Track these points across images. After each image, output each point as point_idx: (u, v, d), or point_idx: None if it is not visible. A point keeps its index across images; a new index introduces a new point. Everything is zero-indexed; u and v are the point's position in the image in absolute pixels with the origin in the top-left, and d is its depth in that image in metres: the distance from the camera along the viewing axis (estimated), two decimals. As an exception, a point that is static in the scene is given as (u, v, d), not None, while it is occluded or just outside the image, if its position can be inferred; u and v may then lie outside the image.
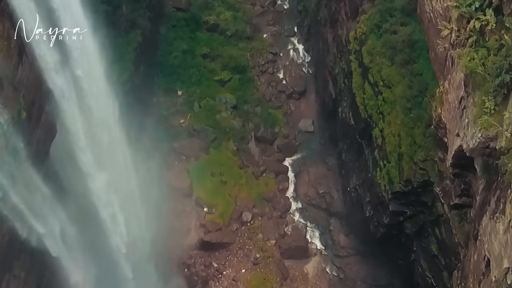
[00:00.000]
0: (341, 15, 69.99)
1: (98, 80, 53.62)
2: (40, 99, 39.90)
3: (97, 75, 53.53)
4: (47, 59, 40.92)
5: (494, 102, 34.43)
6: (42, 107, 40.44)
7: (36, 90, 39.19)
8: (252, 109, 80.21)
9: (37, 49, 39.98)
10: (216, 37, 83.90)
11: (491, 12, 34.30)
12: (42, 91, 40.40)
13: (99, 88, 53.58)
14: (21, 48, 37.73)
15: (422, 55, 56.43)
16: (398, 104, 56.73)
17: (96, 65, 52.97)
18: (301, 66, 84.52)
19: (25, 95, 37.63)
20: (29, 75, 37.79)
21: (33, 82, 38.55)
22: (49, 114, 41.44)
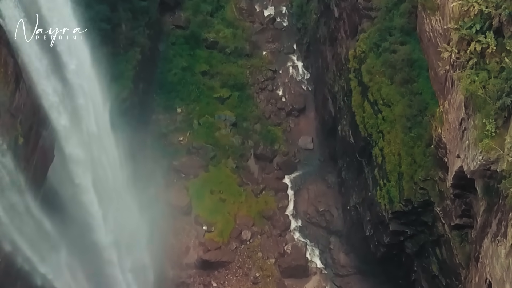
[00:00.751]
0: (340, 33, 70.01)
1: (96, 103, 53.52)
2: (37, 124, 39.73)
3: (96, 98, 53.46)
4: (46, 90, 41.10)
5: (495, 125, 34.27)
6: (40, 132, 40.24)
7: (33, 115, 39.05)
8: (252, 126, 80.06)
9: (35, 76, 40.07)
10: (216, 54, 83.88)
11: (491, 35, 34.22)
12: (40, 116, 40.23)
13: (97, 111, 53.42)
14: (18, 74, 37.63)
15: (422, 74, 56.35)
16: (398, 123, 56.56)
17: (94, 87, 52.94)
18: (300, 83, 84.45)
19: (22, 121, 37.44)
20: (26, 100, 37.67)
21: (30, 107, 38.44)
22: (46, 139, 41.24)
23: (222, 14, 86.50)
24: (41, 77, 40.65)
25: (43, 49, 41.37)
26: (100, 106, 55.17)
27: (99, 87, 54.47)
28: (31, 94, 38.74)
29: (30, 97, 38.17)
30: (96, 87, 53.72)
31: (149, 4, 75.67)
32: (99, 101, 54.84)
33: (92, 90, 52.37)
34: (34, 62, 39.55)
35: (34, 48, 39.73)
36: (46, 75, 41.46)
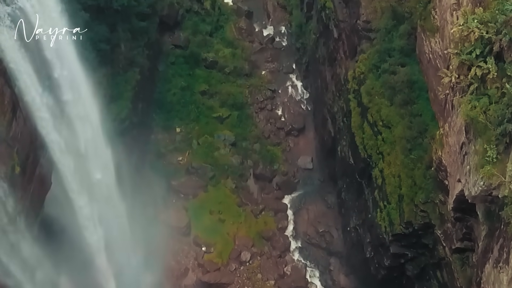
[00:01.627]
0: (339, 54, 70.04)
1: (94, 127, 53.37)
2: (34, 152, 39.45)
3: (93, 122, 53.32)
4: (42, 116, 40.96)
5: (496, 151, 34.05)
6: (37, 160, 39.98)
7: (30, 143, 38.80)
8: (251, 146, 79.82)
9: (32, 104, 39.93)
10: (215, 74, 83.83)
11: (492, 61, 34.07)
12: (37, 144, 39.94)
13: (94, 134, 53.27)
14: (15, 103, 37.45)
15: (422, 95, 56.27)
16: (398, 145, 56.40)
17: (92, 111, 52.80)
18: (299, 103, 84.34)
19: (19, 150, 37.19)
20: (23, 129, 37.44)
21: (27, 136, 38.19)
22: (44, 166, 40.98)
23: (221, 34, 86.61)
24: (37, 105, 40.45)
25: (41, 78, 41.23)
26: (99, 130, 54.82)
27: (97, 112, 54.19)
28: (28, 123, 38.50)
29: (27, 126, 37.94)
30: (94, 112, 53.46)
31: (148, 25, 75.51)
32: (97, 125, 54.51)
33: (90, 115, 52.09)
34: (31, 90, 39.39)
35: (31, 76, 39.60)
36: (43, 103, 41.30)
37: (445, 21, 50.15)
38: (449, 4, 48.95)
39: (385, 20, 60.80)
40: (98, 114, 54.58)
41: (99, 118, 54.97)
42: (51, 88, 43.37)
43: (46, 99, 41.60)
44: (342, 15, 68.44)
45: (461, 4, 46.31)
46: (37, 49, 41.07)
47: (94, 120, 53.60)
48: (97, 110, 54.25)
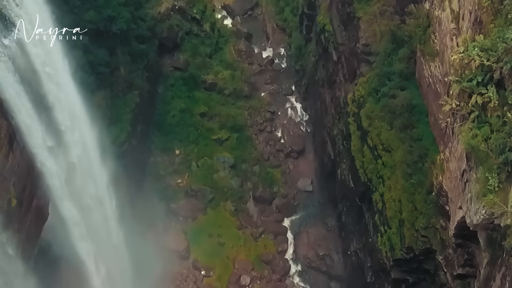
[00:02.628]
0: (338, 76, 70.00)
1: (91, 153, 53.19)
2: (31, 183, 39.17)
3: (90, 149, 53.14)
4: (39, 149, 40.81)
5: (497, 180, 33.71)
6: (34, 192, 39.64)
7: (27, 175, 38.51)
8: (250, 168, 79.58)
9: (29, 137, 39.77)
10: (214, 96, 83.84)
11: (493, 89, 33.86)
12: (34, 176, 39.61)
13: (91, 160, 53.08)
14: (12, 136, 37.19)
15: (422, 119, 56.01)
16: (398, 169, 56.05)
17: (89, 137, 52.63)
18: (299, 124, 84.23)
19: (16, 182, 36.89)
20: (20, 161, 37.19)
21: (24, 168, 37.90)
22: (41, 198, 40.64)
23: (220, 56, 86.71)
24: (34, 137, 40.32)
25: (37, 109, 41.12)
26: (96, 156, 54.60)
27: (94, 139, 54.03)
28: (25, 154, 38.26)
29: (24, 158, 37.68)
30: (91, 138, 53.31)
31: (148, 47, 75.72)
32: (94, 151, 54.33)
33: (87, 143, 51.94)
34: (26, 121, 39.25)
35: (27, 107, 39.48)
36: (39, 133, 41.15)
37: (444, 46, 50.14)
38: (448, 29, 48.98)
39: (384, 44, 60.73)
40: (95, 140, 54.33)
41: (97, 145, 54.70)
42: (49, 118, 43.21)
43: (44, 130, 41.41)
44: (341, 38, 68.47)
45: (460, 29, 46.36)
46: (34, 80, 40.95)
47: (91, 147, 53.33)
48: (94, 136, 54.00)
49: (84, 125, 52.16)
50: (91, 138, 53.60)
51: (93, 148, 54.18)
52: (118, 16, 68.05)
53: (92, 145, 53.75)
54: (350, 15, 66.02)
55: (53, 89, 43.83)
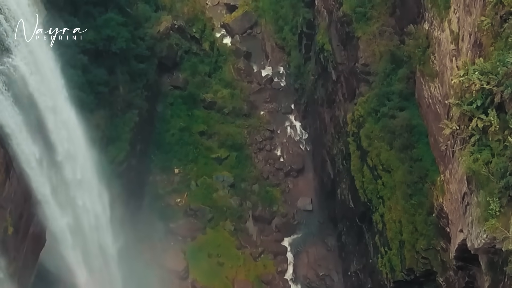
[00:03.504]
0: (338, 96, 69.96)
1: (88, 178, 53.00)
2: (28, 211, 38.78)
3: (88, 173, 52.94)
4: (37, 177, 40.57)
5: (499, 204, 33.43)
6: (31, 219, 39.26)
7: (24, 203, 38.12)
8: (250, 187, 79.31)
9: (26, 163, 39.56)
10: (213, 114, 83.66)
11: (494, 113, 33.68)
12: (31, 203, 39.27)
13: (88, 182, 52.85)
14: (9, 164, 36.90)
15: (421, 140, 55.89)
16: (398, 190, 55.89)
17: (86, 161, 52.43)
18: (298, 143, 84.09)
19: (12, 210, 36.52)
20: (17, 188, 36.84)
21: (21, 195, 37.54)
22: (37, 224, 40.29)
23: (220, 74, 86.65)
24: (31, 163, 40.09)
25: (34, 135, 40.95)
26: (94, 178, 54.37)
27: (92, 162, 53.84)
28: (22, 181, 37.99)
29: (20, 185, 37.37)
30: (89, 161, 53.11)
31: (147, 66, 75.55)
32: (92, 173, 54.11)
33: (85, 164, 51.72)
34: (24, 149, 39.04)
35: (24, 133, 39.31)
36: (36, 161, 40.95)
37: (444, 67, 50.11)
38: (448, 50, 48.96)
39: (383, 64, 60.74)
40: (93, 163, 54.09)
41: (94, 168, 54.48)
42: (45, 143, 43.07)
43: (40, 156, 41.21)
44: (341, 58, 68.52)
45: (460, 51, 46.32)
46: (30, 105, 40.81)
47: (89, 170, 53.09)
48: (92, 159, 53.75)
49: (82, 148, 51.84)
50: (89, 161, 53.25)
51: (91, 171, 53.85)
52: (117, 35, 67.89)
53: (89, 167, 53.41)
54: (349, 34, 66.10)
55: (49, 113, 43.62)
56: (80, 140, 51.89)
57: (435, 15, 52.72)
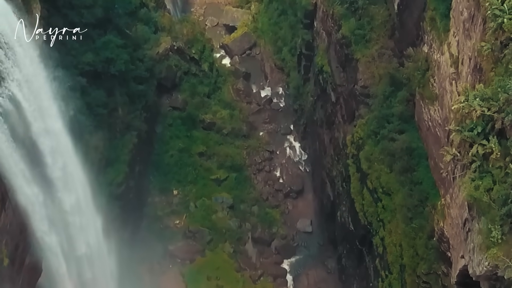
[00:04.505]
0: (337, 117, 69.78)
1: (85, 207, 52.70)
2: (24, 242, 38.38)
3: (84, 200, 52.66)
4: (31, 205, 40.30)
5: (501, 232, 33.02)
6: (26, 249, 38.86)
7: (20, 234, 37.73)
8: (249, 208, 78.92)
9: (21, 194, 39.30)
10: (213, 135, 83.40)
11: (495, 140, 33.41)
12: (27, 234, 38.83)
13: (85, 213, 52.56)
14: (4, 195, 36.56)
15: (422, 163, 55.66)
16: (398, 213, 55.57)
17: (82, 190, 52.18)
18: (298, 164, 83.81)
19: (8, 241, 36.15)
20: (12, 219, 36.48)
21: (16, 226, 37.17)
22: (33, 255, 39.84)
23: (219, 95, 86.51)
24: (26, 194, 39.75)
25: (30, 165, 40.67)
26: (89, 204, 54.06)
27: (89, 191, 53.60)
28: (17, 212, 37.62)
29: (16, 216, 36.99)
30: (86, 189, 52.85)
31: (146, 88, 75.49)
32: (88, 201, 53.83)
33: (81, 193, 51.43)
34: (18, 178, 38.71)
35: (19, 164, 39.03)
36: (31, 190, 40.64)
37: (444, 90, 49.99)
38: (448, 73, 48.86)
39: (383, 86, 60.66)
40: (90, 192, 53.80)
41: (91, 194, 54.21)
42: (42, 173, 42.78)
43: (36, 187, 40.92)
44: (340, 80, 68.46)
45: (460, 74, 46.20)
46: (26, 135, 40.54)
47: (86, 197, 52.79)
48: (89, 189, 53.45)
49: (79, 176, 51.54)
50: (85, 187, 52.93)
51: (87, 197, 53.50)
52: (116, 58, 67.98)
53: (86, 193, 53.06)
54: (348, 56, 66.09)
55: (45, 140, 43.33)
56: (77, 168, 51.50)
57: (434, 38, 52.77)
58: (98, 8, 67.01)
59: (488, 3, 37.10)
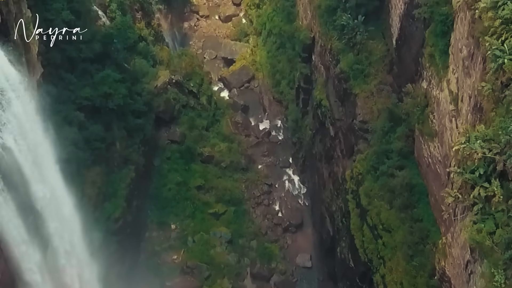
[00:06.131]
0: (336, 151, 69.40)
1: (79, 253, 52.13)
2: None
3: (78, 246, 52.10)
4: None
5: (504, 276, 32.50)
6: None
7: (11, 283, 36.87)
8: (248, 243, 78.05)
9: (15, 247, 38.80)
10: (211, 168, 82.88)
11: (497, 183, 33.02)
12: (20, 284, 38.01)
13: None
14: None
15: (422, 199, 55.10)
16: (399, 250, 54.84)
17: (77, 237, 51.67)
18: (297, 197, 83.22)
19: None
20: (5, 269, 35.82)
21: (9, 278, 36.43)
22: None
23: (217, 128, 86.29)
24: (19, 245, 39.22)
25: (23, 214, 40.17)
26: (82, 248, 53.44)
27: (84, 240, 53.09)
28: (9, 262, 36.96)
29: (8, 267, 36.31)
30: (79, 234, 52.33)
31: (144, 121, 75.21)
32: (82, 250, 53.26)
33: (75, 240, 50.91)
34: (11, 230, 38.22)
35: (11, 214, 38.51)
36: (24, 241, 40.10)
37: (444, 127, 49.69)
38: (447, 110, 48.61)
39: (382, 121, 60.38)
40: (84, 234, 53.24)
41: (86, 239, 53.64)
42: (35, 224, 42.27)
43: (29, 236, 40.38)
44: (338, 114, 68.24)
45: (460, 112, 45.93)
46: (20, 184, 40.07)
47: (79, 242, 52.20)
48: (82, 231, 52.89)
49: (73, 222, 50.99)
50: (78, 233, 52.33)
51: (81, 242, 52.86)
52: (114, 92, 67.73)
53: (79, 239, 52.44)
54: (346, 91, 65.96)
55: (38, 187, 42.80)
56: (71, 214, 50.95)
57: (433, 74, 52.62)
58: (97, 43, 67.10)
59: (488, 43, 37.07)
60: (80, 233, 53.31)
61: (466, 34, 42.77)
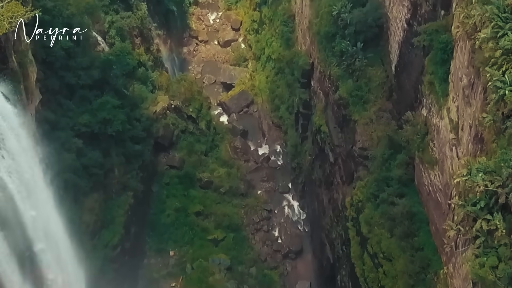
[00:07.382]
0: (336, 178, 68.97)
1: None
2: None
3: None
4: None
5: (507, 311, 31.96)
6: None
7: None
8: (247, 270, 77.26)
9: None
10: (210, 194, 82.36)
11: (500, 216, 32.59)
12: None
13: None
14: None
15: (423, 228, 54.54)
16: (400, 280, 54.19)
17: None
18: (296, 223, 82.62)
19: None
20: None
21: None
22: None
23: (216, 153, 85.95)
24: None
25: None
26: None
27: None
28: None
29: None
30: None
31: (143, 147, 74.86)
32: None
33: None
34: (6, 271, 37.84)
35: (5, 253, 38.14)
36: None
37: (444, 155, 49.33)
38: (447, 139, 48.28)
39: (381, 148, 60.02)
40: (78, 261, 52.70)
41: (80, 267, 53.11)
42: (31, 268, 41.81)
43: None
44: (338, 140, 67.92)
45: (460, 140, 45.61)
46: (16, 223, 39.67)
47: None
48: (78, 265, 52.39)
49: (70, 254, 50.50)
50: (75, 265, 51.82)
51: (78, 275, 52.29)
52: (113, 118, 67.50)
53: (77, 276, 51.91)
54: (346, 117, 65.71)
55: (32, 222, 42.35)
56: (66, 248, 50.46)
57: (433, 101, 52.36)
58: (96, 69, 67.03)
59: (489, 74, 36.82)
60: (76, 261, 52.62)
61: (466, 63, 42.59)
